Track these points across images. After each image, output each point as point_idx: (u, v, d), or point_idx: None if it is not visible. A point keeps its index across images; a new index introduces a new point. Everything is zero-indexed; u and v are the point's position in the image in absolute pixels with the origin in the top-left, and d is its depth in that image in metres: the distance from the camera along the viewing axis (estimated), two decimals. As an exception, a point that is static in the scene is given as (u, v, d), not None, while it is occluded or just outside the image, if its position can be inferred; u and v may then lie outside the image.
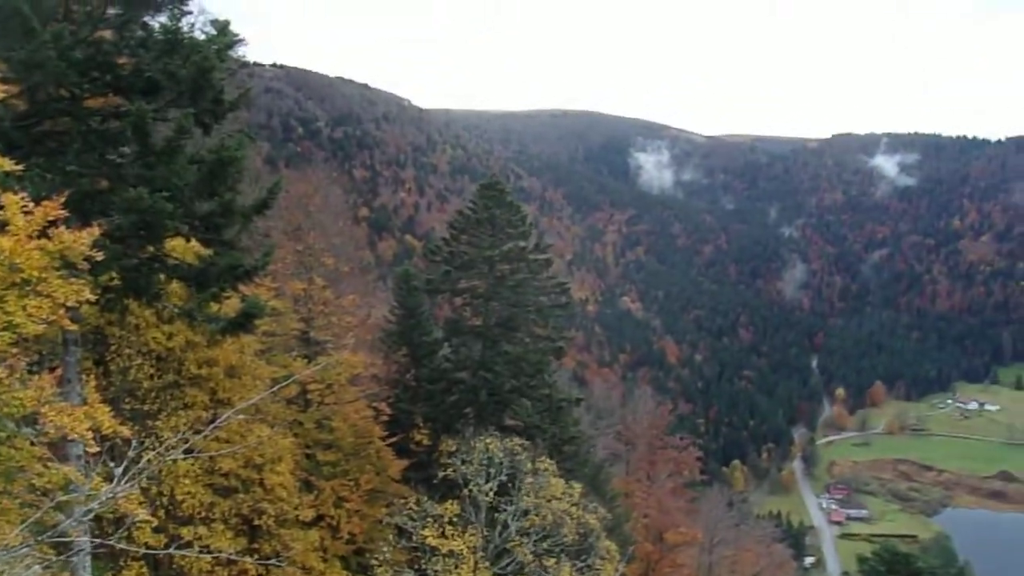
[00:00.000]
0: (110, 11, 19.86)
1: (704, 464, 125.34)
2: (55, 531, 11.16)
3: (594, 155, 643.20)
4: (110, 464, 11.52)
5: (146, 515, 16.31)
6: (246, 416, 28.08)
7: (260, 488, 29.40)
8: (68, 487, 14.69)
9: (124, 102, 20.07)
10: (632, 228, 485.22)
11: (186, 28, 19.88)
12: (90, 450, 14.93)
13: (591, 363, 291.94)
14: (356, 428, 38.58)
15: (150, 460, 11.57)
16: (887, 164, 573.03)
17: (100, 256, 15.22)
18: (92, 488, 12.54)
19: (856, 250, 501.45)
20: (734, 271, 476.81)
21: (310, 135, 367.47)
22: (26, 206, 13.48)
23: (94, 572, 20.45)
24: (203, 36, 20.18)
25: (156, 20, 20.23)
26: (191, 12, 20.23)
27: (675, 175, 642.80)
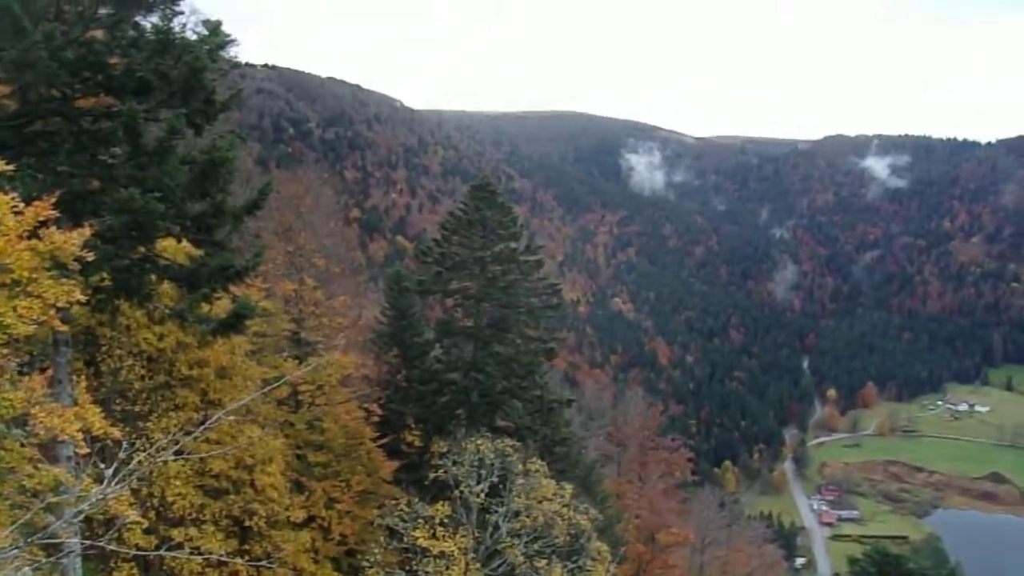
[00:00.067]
0: (101, 11, 19.84)
1: (695, 465, 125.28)
2: (45, 532, 11.12)
3: (585, 156, 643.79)
4: (100, 465, 11.49)
5: (137, 516, 16.33)
6: (237, 417, 28.07)
7: (251, 489, 29.37)
8: (58, 488, 14.68)
9: (116, 102, 20.04)
10: (623, 229, 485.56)
11: (178, 28, 19.90)
12: (80, 451, 14.91)
13: (582, 364, 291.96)
14: (347, 429, 38.55)
15: (141, 461, 11.54)
16: (878, 166, 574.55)
17: (91, 257, 15.20)
18: (82, 489, 12.52)
19: (847, 251, 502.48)
20: (725, 272, 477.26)
21: (301, 136, 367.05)
22: (17, 206, 13.46)
23: (84, 574, 20.43)
24: (195, 36, 20.18)
25: (148, 20, 20.22)
26: (183, 12, 20.26)
27: (666, 176, 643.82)
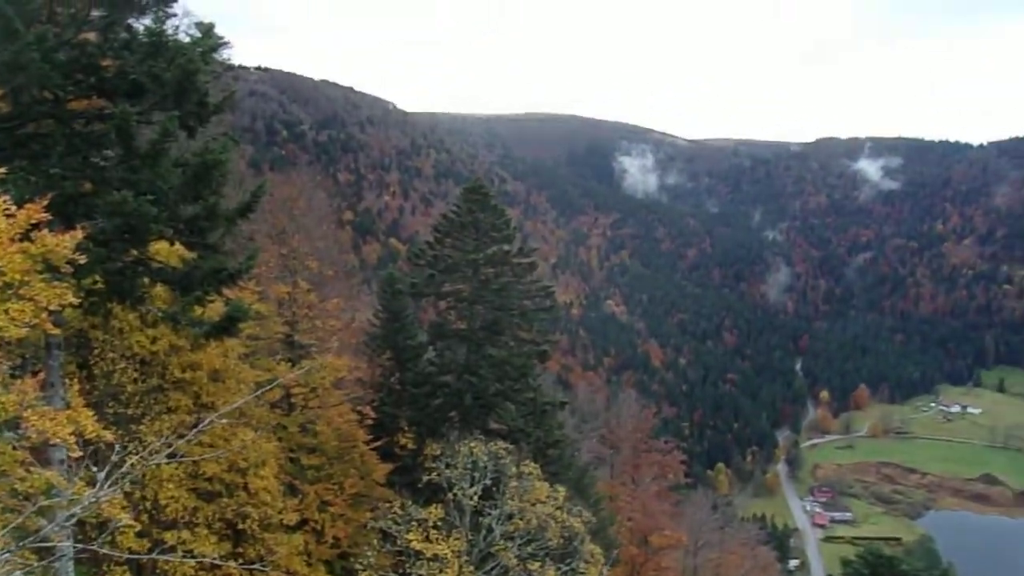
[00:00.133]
0: (94, 13, 19.78)
1: (688, 467, 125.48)
2: (37, 536, 11.08)
3: (578, 159, 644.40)
4: (93, 468, 11.45)
5: (129, 519, 16.28)
6: (230, 420, 27.98)
7: (244, 492, 29.33)
8: (50, 492, 14.61)
9: (108, 105, 19.99)
10: (616, 232, 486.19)
11: (171, 31, 19.83)
12: (73, 454, 14.85)
13: (575, 367, 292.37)
14: (340, 432, 38.51)
15: (133, 464, 11.51)
16: (870, 168, 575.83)
17: (83, 259, 15.16)
18: (75, 493, 12.47)
19: (840, 253, 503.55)
20: (718, 274, 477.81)
21: (294, 138, 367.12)
22: (8, 209, 13.41)
23: (77, 577, 20.36)
24: (188, 39, 20.11)
25: (140, 22, 20.15)
26: (176, 14, 20.18)
27: (659, 179, 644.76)
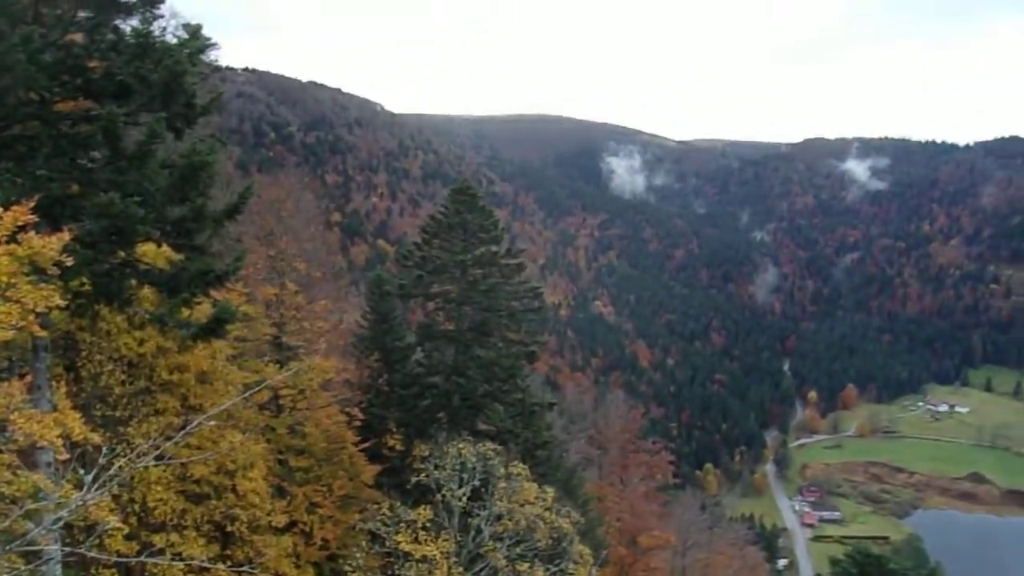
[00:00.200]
0: (81, 14, 19.72)
1: (677, 468, 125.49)
2: (24, 540, 11.05)
3: (566, 160, 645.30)
4: (80, 471, 11.42)
5: (117, 522, 16.19)
6: (218, 422, 27.91)
7: (232, 494, 29.25)
8: (38, 495, 14.55)
9: (95, 106, 19.93)
10: (604, 232, 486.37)
11: (158, 32, 19.77)
12: (60, 457, 14.81)
13: (564, 367, 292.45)
14: (329, 433, 38.44)
15: (121, 467, 11.47)
16: (858, 168, 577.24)
17: (70, 261, 15.12)
18: (62, 496, 12.44)
19: (827, 254, 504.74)
20: (706, 275, 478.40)
21: (282, 140, 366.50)
22: (-5, 211, 13.37)
23: (64, 580, 20.29)
24: (175, 40, 20.05)
25: (127, 23, 20.08)
26: (163, 16, 20.12)
27: (647, 180, 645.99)
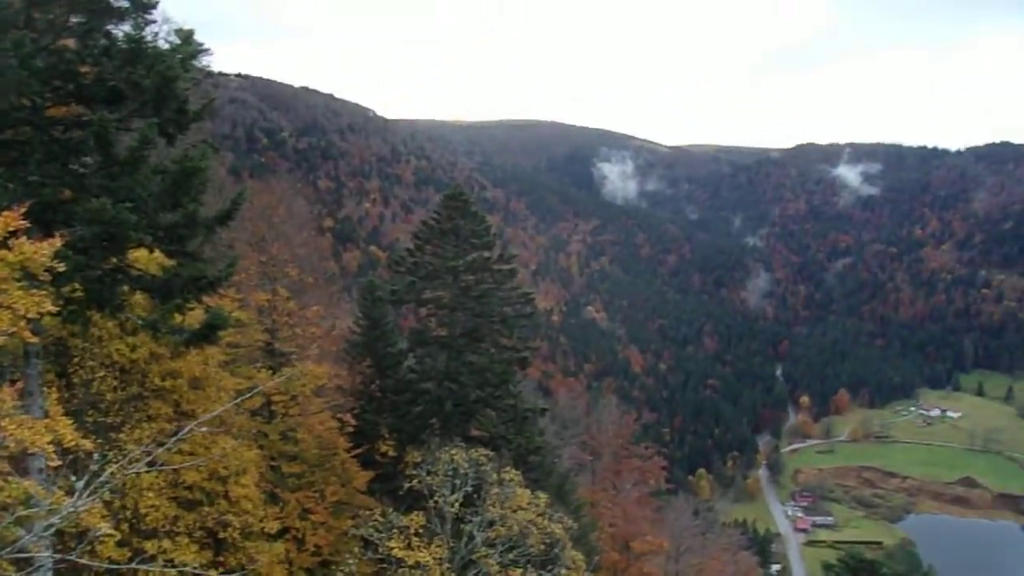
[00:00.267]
0: (73, 19, 19.67)
1: (669, 473, 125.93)
2: (15, 546, 11.02)
3: (558, 165, 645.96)
4: (72, 478, 11.39)
5: (109, 529, 16.15)
6: (210, 428, 27.83)
7: (225, 500, 29.16)
8: (29, 501, 14.52)
9: (87, 112, 19.90)
10: (596, 238, 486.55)
11: (150, 37, 19.74)
12: (52, 463, 14.78)
13: (556, 373, 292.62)
14: (321, 439, 38.37)
15: (113, 473, 11.44)
16: (850, 174, 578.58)
17: (62, 267, 15.12)
18: (53, 502, 12.42)
19: (819, 259, 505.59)
20: (698, 280, 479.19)
21: (274, 146, 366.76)
22: (-13, 217, 13.34)
23: (56, 587, 20.21)
24: (167, 45, 20.03)
25: (119, 29, 20.04)
26: (155, 21, 20.09)
27: (639, 185, 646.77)
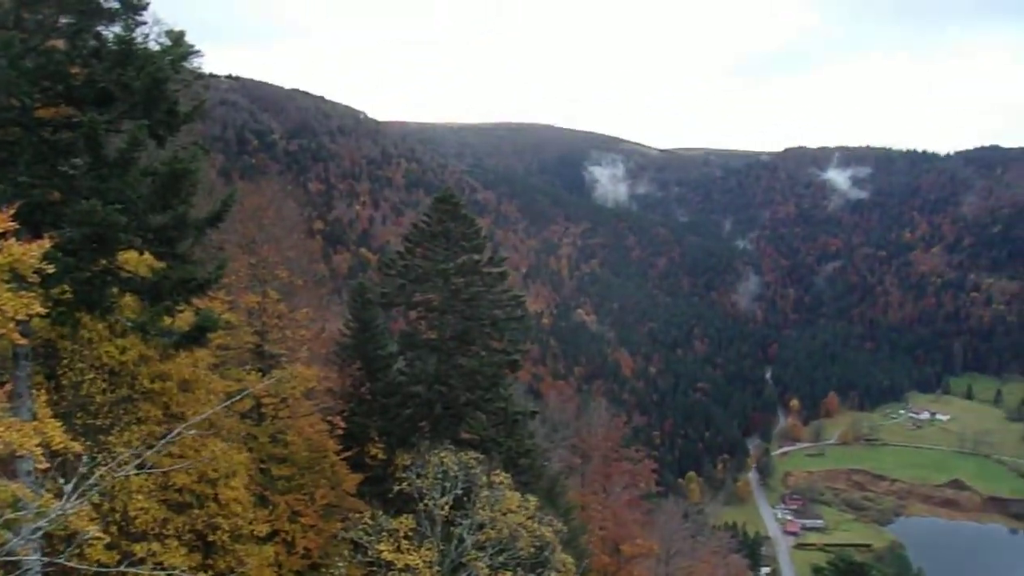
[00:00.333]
0: (62, 20, 19.62)
1: (659, 476, 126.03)
2: (3, 550, 10.96)
3: (549, 168, 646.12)
4: (60, 480, 11.34)
5: (98, 532, 16.10)
6: (200, 431, 27.80)
7: (214, 503, 29.08)
8: (17, 504, 14.44)
9: (76, 113, 19.84)
10: (587, 241, 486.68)
11: (140, 38, 19.71)
12: (40, 466, 14.72)
13: (546, 376, 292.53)
14: (311, 442, 38.27)
15: (102, 476, 11.40)
16: (839, 177, 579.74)
17: (51, 269, 15.05)
18: (42, 505, 12.36)
19: (809, 262, 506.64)
20: (688, 283, 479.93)
21: (265, 148, 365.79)
22: (-25, 218, 13.28)
23: (44, 590, 20.13)
24: (157, 47, 20.00)
25: (110, 30, 20.00)
26: (145, 22, 20.04)
27: (629, 188, 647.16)
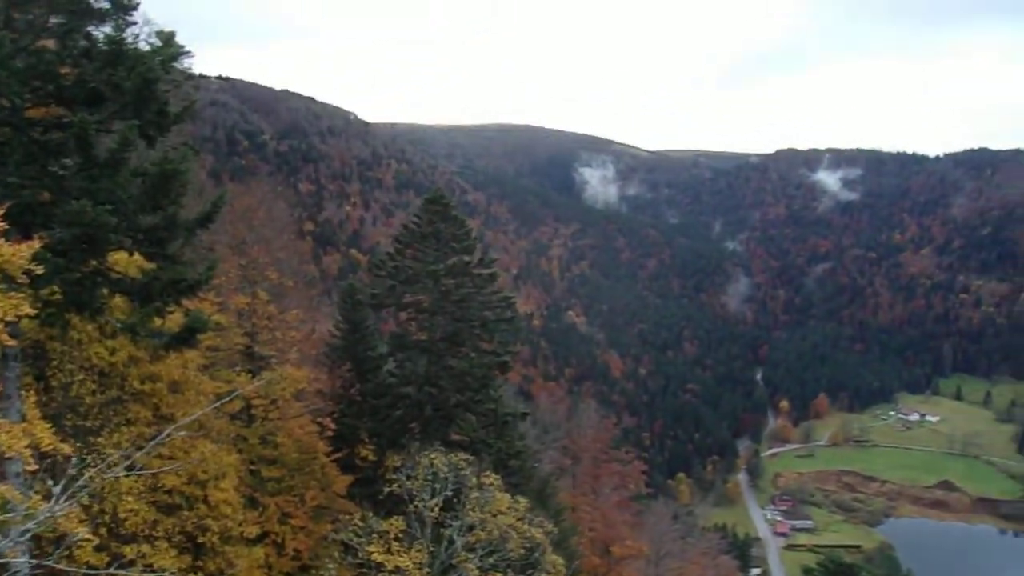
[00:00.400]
0: (53, 20, 19.57)
1: (649, 477, 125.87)
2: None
3: (539, 170, 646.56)
4: (49, 482, 11.30)
5: (87, 534, 16.05)
6: (190, 432, 27.69)
7: (204, 505, 29.00)
8: (5, 506, 14.40)
9: (67, 113, 19.78)
10: (577, 242, 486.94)
11: (131, 39, 19.66)
12: (29, 468, 14.68)
13: (536, 377, 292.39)
14: (301, 444, 38.21)
15: (91, 477, 11.37)
16: (829, 179, 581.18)
17: (41, 270, 15.00)
18: (31, 507, 12.33)
19: (799, 264, 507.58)
20: (678, 285, 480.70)
21: (255, 148, 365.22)
22: (-36, 219, 13.24)
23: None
24: (148, 47, 19.94)
25: (100, 30, 19.95)
26: (136, 23, 20.00)
27: (620, 189, 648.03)
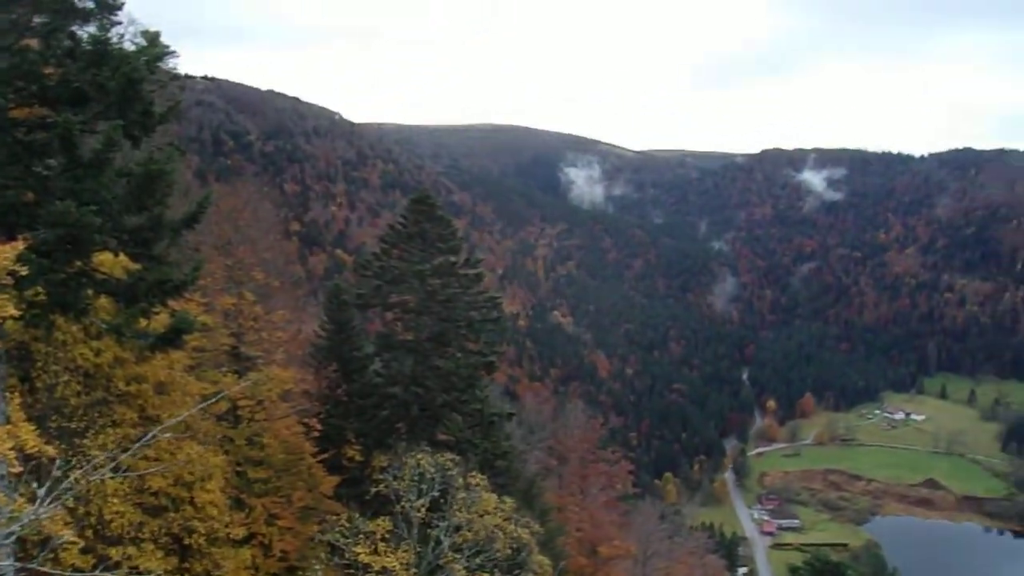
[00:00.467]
0: (36, 19, 19.50)
1: (636, 477, 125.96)
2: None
3: (525, 170, 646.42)
4: (34, 484, 11.25)
5: (72, 536, 15.98)
6: (175, 433, 27.60)
7: (190, 506, 28.93)
8: (-10, 508, 14.34)
9: (51, 113, 19.72)
10: (563, 242, 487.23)
11: (115, 39, 19.62)
12: (13, 470, 14.61)
13: (522, 377, 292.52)
14: (287, 444, 38.14)
15: (77, 479, 11.32)
16: (815, 179, 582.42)
17: (25, 270, 14.93)
18: (15, 509, 12.26)
19: (785, 263, 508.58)
20: (664, 285, 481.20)
21: (241, 149, 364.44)
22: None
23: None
24: (133, 47, 19.90)
25: (84, 30, 19.90)
26: (120, 22, 19.94)
27: (605, 190, 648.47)
